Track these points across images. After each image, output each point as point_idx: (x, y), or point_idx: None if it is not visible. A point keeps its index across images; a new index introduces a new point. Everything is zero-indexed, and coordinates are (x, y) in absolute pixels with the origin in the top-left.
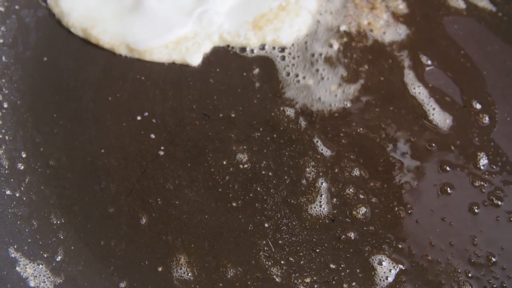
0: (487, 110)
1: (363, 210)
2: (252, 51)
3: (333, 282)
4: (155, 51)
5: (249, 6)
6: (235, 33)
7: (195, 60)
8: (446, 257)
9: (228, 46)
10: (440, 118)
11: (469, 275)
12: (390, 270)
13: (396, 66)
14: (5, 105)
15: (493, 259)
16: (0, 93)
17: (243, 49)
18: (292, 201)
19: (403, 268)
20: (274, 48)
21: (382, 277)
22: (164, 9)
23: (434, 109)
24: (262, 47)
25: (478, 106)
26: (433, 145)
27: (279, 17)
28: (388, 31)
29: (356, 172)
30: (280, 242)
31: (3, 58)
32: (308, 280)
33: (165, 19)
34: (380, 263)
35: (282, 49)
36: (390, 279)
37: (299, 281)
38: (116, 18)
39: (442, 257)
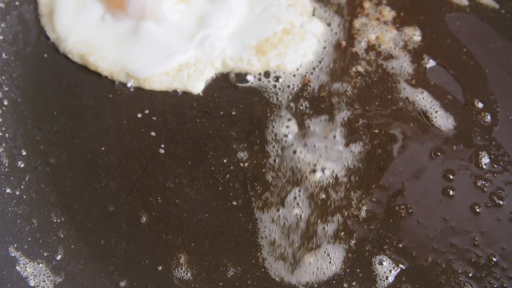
0: (489, 108)
1: (364, 209)
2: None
3: (333, 282)
4: (155, 79)
5: (252, 30)
6: (238, 58)
7: (197, 87)
8: (447, 258)
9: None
10: (442, 117)
11: (470, 275)
12: (390, 270)
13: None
14: (5, 102)
15: (494, 259)
16: (0, 90)
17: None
18: (294, 200)
19: (404, 268)
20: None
21: (382, 277)
22: (164, 34)
23: (436, 112)
24: (267, 75)
25: (480, 105)
26: (435, 144)
27: (283, 42)
28: (397, 47)
29: (358, 171)
30: (280, 241)
31: (3, 55)
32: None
33: (165, 45)
34: (380, 263)
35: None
36: (391, 279)
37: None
38: (115, 44)
39: (443, 257)
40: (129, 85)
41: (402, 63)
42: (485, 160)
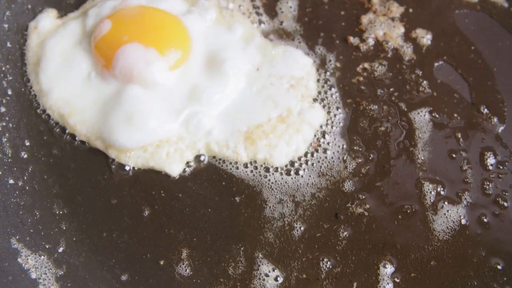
0: (496, 108)
1: (367, 208)
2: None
3: (334, 281)
4: (131, 154)
5: (245, 111)
6: (223, 144)
7: (175, 170)
8: (449, 261)
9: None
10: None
11: (474, 283)
12: (391, 273)
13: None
14: (9, 92)
15: (499, 267)
16: (4, 80)
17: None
18: (296, 197)
19: (405, 272)
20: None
21: (383, 280)
22: (150, 103)
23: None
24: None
25: (486, 111)
26: (439, 143)
27: (276, 131)
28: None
29: (362, 169)
30: (282, 238)
31: (8, 44)
32: (307, 277)
33: (149, 116)
34: (384, 266)
35: None
36: (393, 283)
37: (299, 278)
38: (96, 107)
39: (446, 260)
40: (104, 151)
41: (409, 60)
42: (490, 160)
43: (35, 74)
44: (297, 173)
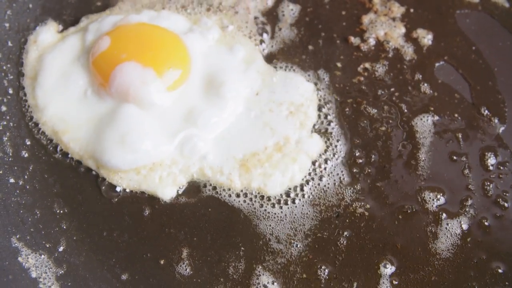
0: (497, 108)
1: (367, 208)
2: None
3: (334, 281)
4: (124, 176)
5: (241, 138)
6: (218, 169)
7: (168, 194)
8: (451, 266)
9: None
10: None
11: (475, 286)
12: (392, 273)
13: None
14: (10, 91)
15: (500, 271)
16: (5, 79)
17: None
18: (297, 197)
19: (406, 276)
20: None
21: (383, 282)
22: (145, 124)
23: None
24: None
25: (487, 112)
26: (439, 144)
27: (272, 160)
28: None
29: (363, 170)
30: (282, 238)
31: (9, 43)
32: (308, 277)
33: (143, 137)
34: (384, 266)
35: None
36: (392, 284)
37: (299, 278)
38: (91, 125)
39: (447, 264)
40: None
41: (409, 60)
42: (491, 161)
43: (32, 88)
44: (293, 202)
